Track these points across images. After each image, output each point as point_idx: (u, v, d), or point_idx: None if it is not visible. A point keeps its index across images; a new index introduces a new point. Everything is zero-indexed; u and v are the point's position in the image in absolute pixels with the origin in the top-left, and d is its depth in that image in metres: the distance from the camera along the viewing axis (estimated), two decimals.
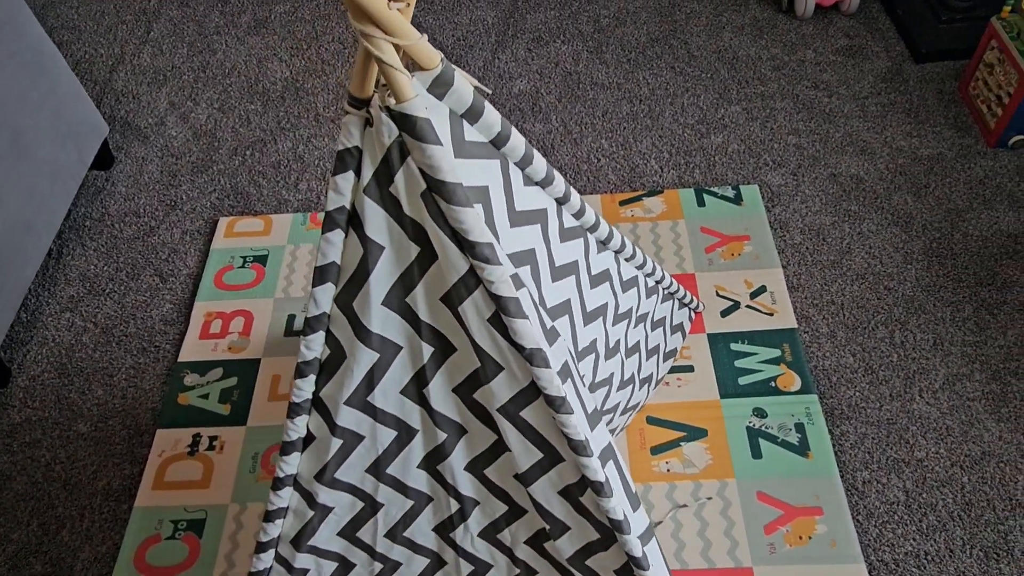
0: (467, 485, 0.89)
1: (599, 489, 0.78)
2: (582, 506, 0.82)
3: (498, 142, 0.74)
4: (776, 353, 1.49)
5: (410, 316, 0.75)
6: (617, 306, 1.08)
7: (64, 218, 1.78)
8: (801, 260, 1.64)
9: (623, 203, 1.76)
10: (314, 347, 0.77)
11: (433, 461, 0.87)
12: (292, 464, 0.84)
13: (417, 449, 0.86)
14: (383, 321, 0.75)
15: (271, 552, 0.91)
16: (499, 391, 0.76)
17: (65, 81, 1.74)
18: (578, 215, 0.93)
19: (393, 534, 0.95)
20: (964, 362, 1.46)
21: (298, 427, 0.82)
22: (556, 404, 0.74)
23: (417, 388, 0.81)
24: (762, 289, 1.59)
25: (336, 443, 0.82)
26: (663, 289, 1.30)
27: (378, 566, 1.00)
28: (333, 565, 0.99)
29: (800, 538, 1.27)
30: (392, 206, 0.70)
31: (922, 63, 2.00)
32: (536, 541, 0.94)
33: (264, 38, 2.24)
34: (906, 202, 1.72)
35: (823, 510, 1.29)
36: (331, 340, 0.77)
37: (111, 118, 2.05)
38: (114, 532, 1.37)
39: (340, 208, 0.71)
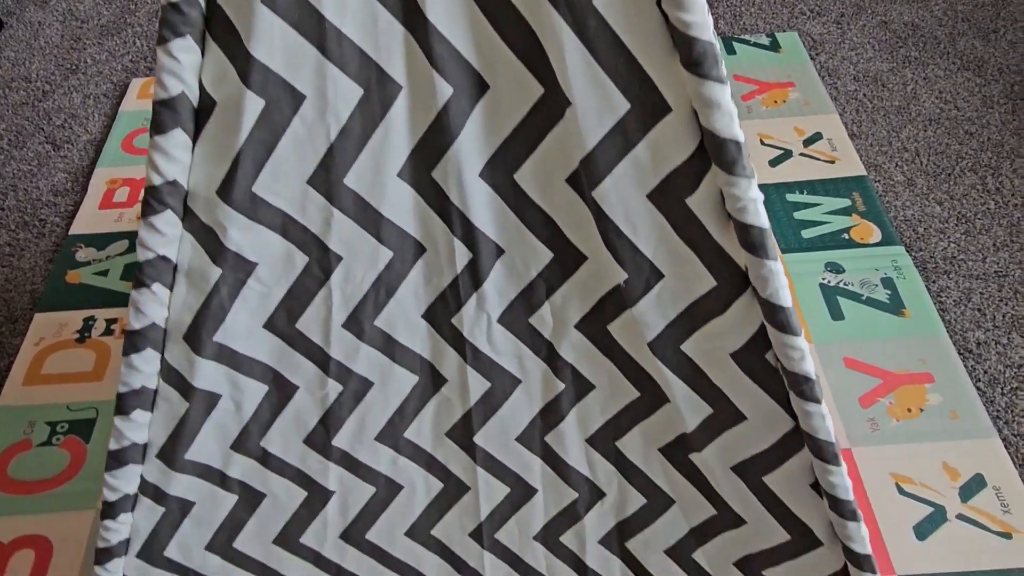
0: None
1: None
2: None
3: None
4: (845, 203, 1.18)
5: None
6: None
7: None
8: (860, 107, 1.33)
9: None
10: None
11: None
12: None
13: None
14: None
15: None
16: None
17: None
18: None
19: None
20: None
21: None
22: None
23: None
24: (817, 136, 1.28)
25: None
26: None
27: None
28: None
29: (909, 410, 0.94)
30: None
31: None
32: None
33: None
34: (974, 47, 1.43)
35: (933, 376, 0.97)
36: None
37: None
38: None
39: None
